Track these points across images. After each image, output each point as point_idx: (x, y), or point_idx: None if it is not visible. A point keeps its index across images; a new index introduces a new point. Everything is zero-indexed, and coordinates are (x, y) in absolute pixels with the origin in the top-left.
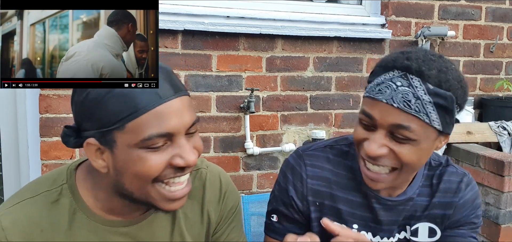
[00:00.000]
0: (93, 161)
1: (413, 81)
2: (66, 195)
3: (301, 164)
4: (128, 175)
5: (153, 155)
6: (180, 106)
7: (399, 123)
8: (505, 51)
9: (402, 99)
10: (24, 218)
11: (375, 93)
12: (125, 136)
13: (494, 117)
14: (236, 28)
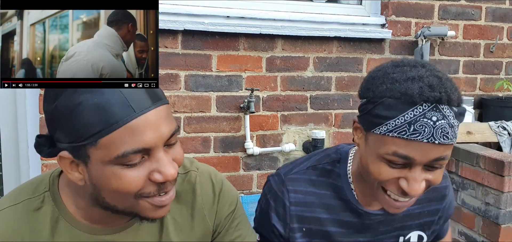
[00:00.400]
0: (69, 173)
1: (445, 111)
2: (48, 203)
3: (283, 191)
4: (107, 190)
5: (129, 171)
6: (156, 118)
7: (439, 156)
8: (505, 51)
9: (441, 134)
10: (5, 226)
11: (410, 134)
12: (99, 152)
13: (494, 117)
14: (236, 28)
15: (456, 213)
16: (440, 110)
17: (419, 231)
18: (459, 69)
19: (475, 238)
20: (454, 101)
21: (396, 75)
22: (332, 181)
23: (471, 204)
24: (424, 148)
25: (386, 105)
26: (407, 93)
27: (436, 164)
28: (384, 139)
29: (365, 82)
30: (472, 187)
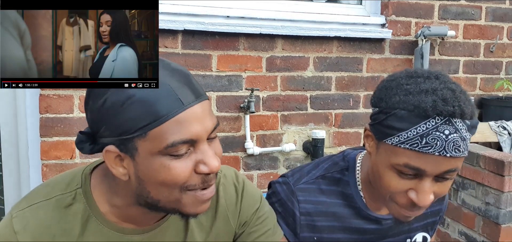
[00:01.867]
0: (113, 168)
1: (457, 125)
2: (80, 200)
3: (293, 201)
4: (153, 183)
5: (177, 162)
6: (201, 112)
7: (450, 169)
8: (505, 51)
9: (453, 147)
10: (36, 222)
11: (421, 147)
12: (147, 143)
13: (494, 117)
14: (236, 28)
15: (456, 213)
16: (452, 124)
17: (424, 232)
18: (459, 69)
19: (475, 238)
20: (468, 114)
21: (409, 86)
22: (341, 190)
23: (471, 204)
24: (435, 160)
25: (398, 117)
26: (420, 106)
27: (446, 175)
28: (396, 150)
29: (378, 91)
30: (472, 187)
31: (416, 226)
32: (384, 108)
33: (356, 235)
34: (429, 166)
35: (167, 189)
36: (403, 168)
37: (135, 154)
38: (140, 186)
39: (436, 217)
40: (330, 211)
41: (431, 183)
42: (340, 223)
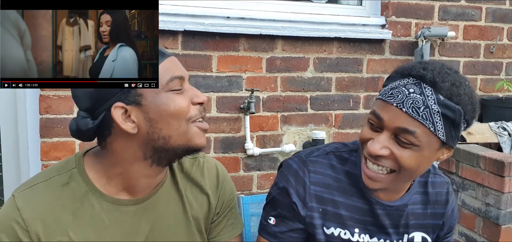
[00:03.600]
0: (122, 124)
1: (425, 90)
2: (76, 179)
3: (304, 170)
4: (165, 118)
5: (178, 96)
6: (176, 61)
7: (405, 127)
8: (505, 51)
9: (411, 104)
10: (37, 200)
11: (387, 97)
12: None
13: (494, 118)
14: (236, 29)
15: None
16: (420, 87)
17: (423, 233)
18: (459, 70)
19: (476, 238)
20: (442, 90)
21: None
22: (348, 169)
23: (472, 204)
24: (393, 112)
25: (389, 77)
26: (403, 67)
27: (402, 136)
28: (375, 102)
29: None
30: (472, 187)
31: (413, 223)
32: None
33: (356, 214)
34: (386, 115)
35: (177, 121)
36: (370, 115)
37: (141, 99)
38: (151, 128)
39: (437, 220)
40: (336, 185)
41: (388, 138)
42: (344, 199)
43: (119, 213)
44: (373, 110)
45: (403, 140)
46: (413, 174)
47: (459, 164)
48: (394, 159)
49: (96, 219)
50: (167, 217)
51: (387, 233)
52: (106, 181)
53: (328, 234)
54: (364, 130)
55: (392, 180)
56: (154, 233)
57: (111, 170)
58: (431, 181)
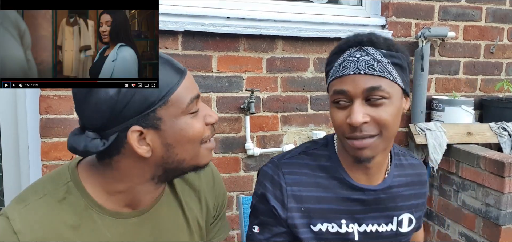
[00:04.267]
0: (138, 148)
1: (368, 50)
2: (73, 193)
3: (279, 174)
4: (182, 143)
5: (195, 120)
6: (192, 78)
7: (371, 86)
8: (505, 52)
9: (366, 65)
10: (35, 219)
11: (340, 72)
12: (170, 109)
13: (495, 118)
14: (236, 29)
15: (457, 214)
16: (364, 50)
17: (410, 214)
18: (459, 70)
19: (476, 239)
20: (379, 44)
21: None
22: (323, 164)
23: (472, 205)
24: (353, 80)
25: (329, 61)
26: (337, 47)
27: (372, 95)
28: (330, 87)
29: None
30: (472, 188)
31: (401, 205)
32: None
33: (343, 206)
34: (349, 86)
35: (192, 145)
36: (334, 96)
37: (160, 124)
38: (167, 152)
39: (420, 200)
40: (314, 181)
41: (362, 105)
42: (324, 193)
43: (121, 226)
44: (334, 90)
45: (374, 98)
46: (391, 130)
47: (459, 164)
48: (375, 122)
49: (97, 234)
50: (169, 224)
51: (375, 218)
52: (107, 197)
53: (316, 231)
54: (335, 115)
55: (379, 143)
56: (157, 240)
57: (113, 186)
58: (409, 163)
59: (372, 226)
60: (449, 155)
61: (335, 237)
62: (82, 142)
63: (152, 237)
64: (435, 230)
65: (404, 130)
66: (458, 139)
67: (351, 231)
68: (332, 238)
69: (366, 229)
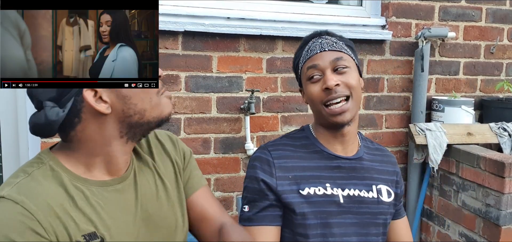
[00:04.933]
0: (96, 105)
1: (327, 37)
2: (56, 170)
3: (265, 152)
4: (136, 93)
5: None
6: None
7: (336, 57)
8: (505, 52)
9: (328, 44)
10: (31, 191)
11: (310, 55)
12: None
13: (495, 118)
14: (236, 29)
15: (457, 215)
16: (323, 37)
17: (386, 186)
18: (459, 70)
19: (476, 239)
20: (334, 35)
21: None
22: (303, 142)
23: (472, 205)
24: (321, 56)
25: (296, 56)
26: (302, 41)
27: (337, 65)
28: (303, 71)
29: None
30: (472, 188)
31: (376, 177)
32: (293, 66)
33: (325, 172)
34: (319, 60)
35: (147, 95)
36: (308, 72)
37: None
38: (126, 104)
39: (393, 176)
40: (297, 155)
41: (332, 74)
42: (307, 163)
43: (108, 193)
44: (308, 67)
45: (339, 67)
46: (358, 94)
47: (459, 164)
48: (344, 85)
49: (90, 202)
50: (149, 187)
51: (356, 184)
52: (86, 169)
53: (305, 194)
54: (311, 90)
55: (351, 107)
56: (142, 204)
57: (88, 158)
58: (376, 148)
59: (354, 191)
60: (449, 156)
61: (322, 198)
62: (42, 115)
63: (137, 200)
64: (435, 230)
65: (404, 130)
66: (458, 139)
67: (336, 194)
68: (320, 200)
69: (349, 193)
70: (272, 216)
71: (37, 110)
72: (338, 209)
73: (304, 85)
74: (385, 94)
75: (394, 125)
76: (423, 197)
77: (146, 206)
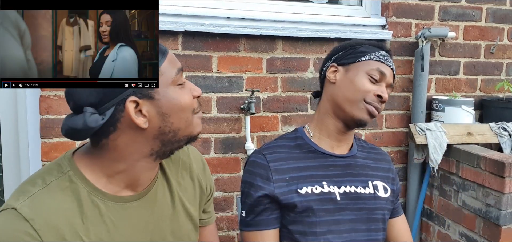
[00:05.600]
0: (136, 118)
1: (390, 59)
2: (75, 181)
3: (261, 156)
4: (176, 111)
5: (183, 90)
6: (174, 56)
7: (392, 82)
8: (505, 52)
9: (392, 66)
10: (44, 207)
11: (384, 61)
12: (161, 78)
13: (495, 118)
14: (236, 29)
15: (457, 214)
16: (390, 55)
17: (382, 182)
18: (459, 70)
19: (476, 239)
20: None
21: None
22: (297, 143)
23: (472, 205)
24: (389, 71)
25: (366, 46)
26: (375, 43)
27: (389, 84)
28: (369, 62)
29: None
30: (472, 188)
31: (371, 173)
32: (350, 47)
33: (320, 171)
34: (387, 71)
35: (185, 114)
36: (375, 72)
37: (154, 93)
38: (163, 122)
39: (388, 173)
40: (292, 156)
41: (385, 88)
42: (303, 163)
43: (124, 210)
44: (378, 67)
45: (389, 85)
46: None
47: (460, 164)
48: (386, 100)
49: (104, 219)
50: (167, 206)
51: (352, 181)
52: (107, 180)
53: (303, 193)
54: (365, 84)
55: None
56: (158, 223)
57: (112, 167)
58: (370, 147)
59: (351, 187)
60: (449, 155)
61: (320, 196)
62: (80, 120)
63: (153, 217)
64: (435, 230)
65: (404, 130)
66: (458, 139)
67: (333, 191)
68: (318, 198)
69: (346, 190)
70: (270, 220)
71: (73, 112)
72: (335, 206)
73: (357, 72)
74: None
75: (394, 125)
76: (423, 197)
77: (162, 225)
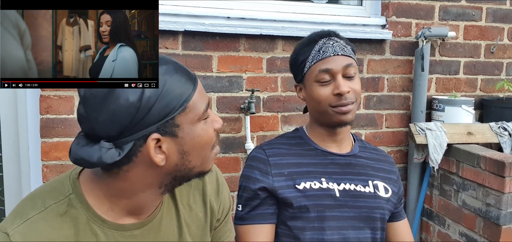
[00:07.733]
0: (154, 156)
1: (336, 39)
2: (75, 206)
3: (261, 151)
4: (197, 149)
5: (207, 125)
6: (201, 85)
7: (347, 63)
8: (505, 52)
9: (340, 48)
10: (35, 235)
11: (322, 55)
12: (189, 115)
13: (495, 118)
14: (236, 29)
15: (457, 214)
16: (333, 39)
17: (383, 182)
18: (459, 70)
19: (476, 239)
20: (340, 37)
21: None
22: (297, 141)
23: (472, 205)
24: (334, 60)
25: (304, 51)
26: (306, 40)
27: (347, 71)
28: (312, 69)
29: (291, 65)
30: (472, 188)
31: (372, 173)
32: (294, 62)
33: (319, 168)
34: (332, 64)
35: (204, 151)
36: (321, 75)
37: (177, 131)
38: (182, 160)
39: (391, 175)
40: (291, 152)
41: (343, 80)
42: (302, 160)
43: (124, 239)
44: (319, 70)
45: (349, 74)
46: (359, 99)
47: (460, 164)
48: (353, 91)
49: None
50: (172, 234)
51: (351, 179)
52: (109, 207)
53: (301, 189)
54: (320, 92)
55: (354, 109)
56: None
57: (118, 195)
58: (373, 148)
59: (350, 185)
60: (450, 155)
61: (318, 192)
62: (95, 153)
63: None
64: (436, 230)
65: (404, 130)
66: (459, 139)
67: (332, 188)
68: (316, 193)
69: (345, 187)
70: (266, 214)
71: (84, 135)
72: (334, 202)
73: (309, 84)
74: (385, 93)
75: (394, 125)
76: (423, 196)
77: None
